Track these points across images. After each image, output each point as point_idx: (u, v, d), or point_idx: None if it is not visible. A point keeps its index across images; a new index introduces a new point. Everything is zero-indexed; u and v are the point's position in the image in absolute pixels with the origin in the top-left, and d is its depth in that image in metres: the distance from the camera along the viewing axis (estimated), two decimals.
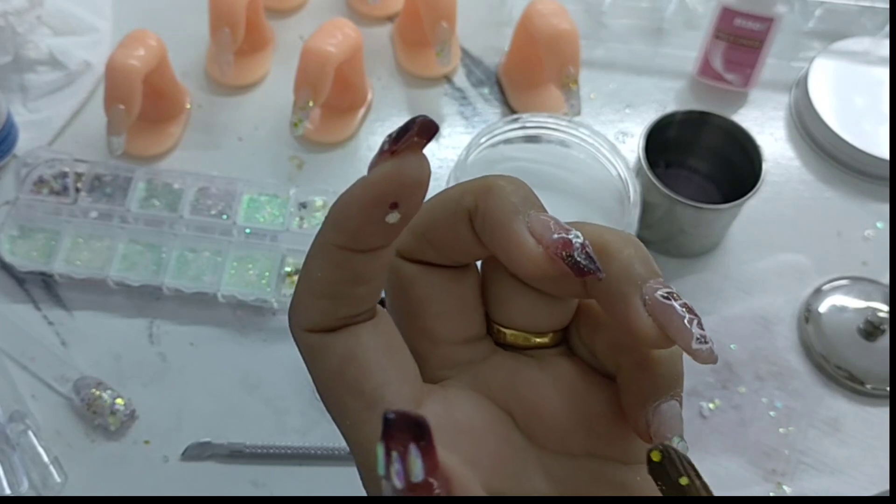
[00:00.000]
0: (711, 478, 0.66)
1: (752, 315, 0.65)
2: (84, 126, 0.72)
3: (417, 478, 0.16)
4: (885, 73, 0.76)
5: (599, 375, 0.24)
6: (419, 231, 0.23)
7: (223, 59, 0.68)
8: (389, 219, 0.20)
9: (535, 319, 0.24)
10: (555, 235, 0.20)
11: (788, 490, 0.58)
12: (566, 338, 0.25)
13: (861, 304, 0.64)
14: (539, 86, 0.74)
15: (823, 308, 0.64)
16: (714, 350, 0.20)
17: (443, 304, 0.23)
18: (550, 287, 0.23)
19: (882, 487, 0.58)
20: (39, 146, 0.68)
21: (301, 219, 0.65)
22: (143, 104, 0.65)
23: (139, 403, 0.59)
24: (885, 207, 0.71)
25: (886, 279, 0.66)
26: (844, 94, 0.74)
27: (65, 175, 0.65)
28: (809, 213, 0.71)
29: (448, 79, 0.76)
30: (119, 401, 0.58)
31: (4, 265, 0.64)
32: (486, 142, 0.64)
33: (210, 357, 0.62)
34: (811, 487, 0.59)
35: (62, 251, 0.63)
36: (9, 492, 0.54)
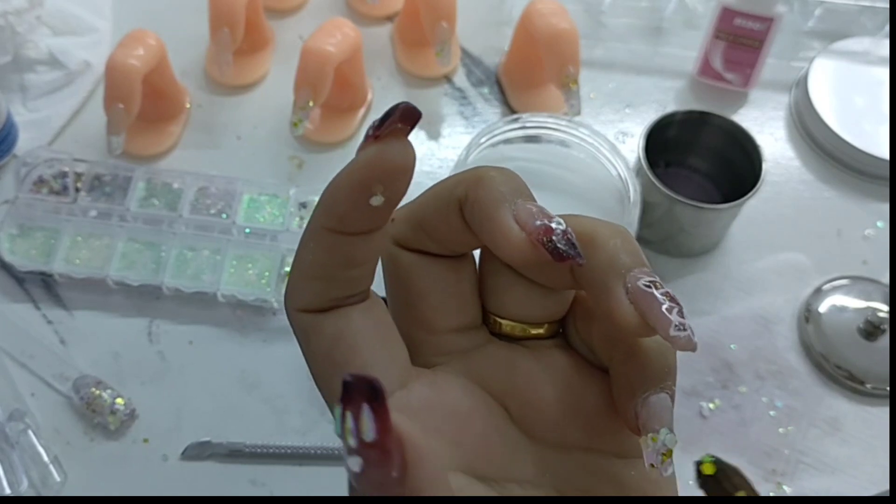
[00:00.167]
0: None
1: (752, 315, 0.65)
2: (84, 126, 0.72)
3: (368, 437, 0.17)
4: (885, 73, 0.76)
5: (595, 368, 0.24)
6: (416, 221, 0.23)
7: (223, 59, 0.68)
8: (373, 202, 0.21)
9: (530, 309, 0.24)
10: (537, 222, 0.21)
11: (788, 490, 0.58)
12: (563, 331, 0.25)
13: (861, 304, 0.64)
14: (539, 86, 0.74)
15: (823, 308, 0.64)
16: (693, 338, 0.20)
17: (438, 293, 0.24)
18: (540, 276, 0.23)
19: (882, 487, 0.58)
20: (39, 146, 0.68)
21: (301, 219, 0.65)
22: (143, 104, 0.65)
23: (138, 403, 0.59)
24: (885, 207, 0.71)
25: (886, 279, 0.66)
26: (844, 94, 0.74)
27: (64, 174, 0.65)
28: (809, 213, 0.71)
29: (448, 79, 0.76)
30: (119, 400, 0.58)
31: (4, 264, 0.64)
32: (486, 142, 0.64)
33: (210, 357, 0.62)
34: (811, 487, 0.58)
35: (62, 250, 0.63)
36: (8, 491, 0.54)
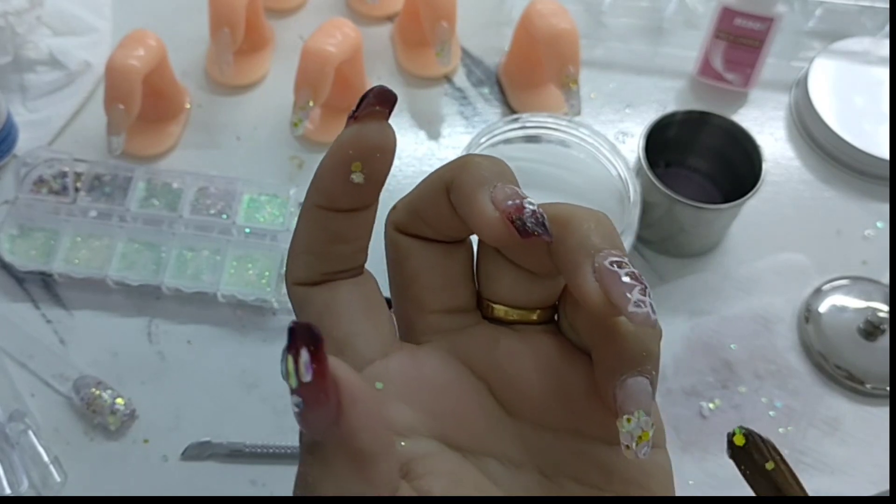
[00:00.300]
0: (711, 478, 0.66)
1: (752, 315, 0.65)
2: (84, 126, 0.72)
3: (306, 378, 0.18)
4: (885, 73, 0.76)
5: (583, 354, 0.24)
6: (412, 207, 0.24)
7: (223, 59, 0.68)
8: (354, 178, 0.22)
9: (521, 294, 0.24)
10: (510, 202, 0.22)
11: None
12: (557, 318, 0.25)
13: (861, 304, 0.64)
14: (539, 86, 0.74)
15: (823, 308, 0.64)
16: (652, 315, 0.20)
17: (432, 276, 0.25)
18: (527, 260, 0.24)
19: (882, 487, 0.58)
20: (39, 146, 0.68)
21: None
22: (143, 104, 0.65)
23: (138, 403, 0.59)
24: (885, 207, 0.71)
25: (886, 279, 0.66)
26: (844, 94, 0.74)
27: (64, 175, 0.65)
28: (809, 213, 0.71)
29: (448, 79, 0.76)
30: (119, 400, 0.58)
31: (4, 264, 0.64)
32: (486, 142, 0.64)
33: (209, 356, 0.62)
34: (811, 487, 0.58)
35: (61, 250, 0.63)
36: (8, 491, 0.54)
